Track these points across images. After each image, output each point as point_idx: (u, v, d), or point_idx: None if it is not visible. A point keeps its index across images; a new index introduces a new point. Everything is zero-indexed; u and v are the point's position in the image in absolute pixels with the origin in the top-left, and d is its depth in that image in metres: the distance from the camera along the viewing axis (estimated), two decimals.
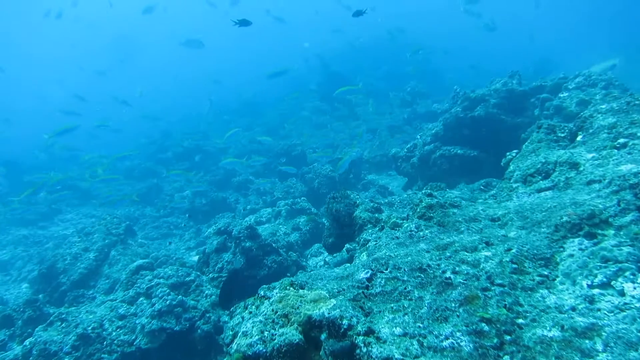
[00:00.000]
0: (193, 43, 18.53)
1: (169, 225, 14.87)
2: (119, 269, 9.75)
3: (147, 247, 11.00)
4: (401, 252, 3.32)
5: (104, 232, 10.56)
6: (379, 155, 15.40)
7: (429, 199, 4.02)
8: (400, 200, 5.81)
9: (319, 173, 13.31)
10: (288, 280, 3.26)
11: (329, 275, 3.42)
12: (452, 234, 3.52)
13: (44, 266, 9.79)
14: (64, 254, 10.04)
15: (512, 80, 9.00)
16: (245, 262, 7.44)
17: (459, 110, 8.97)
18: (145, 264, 7.58)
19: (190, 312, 6.48)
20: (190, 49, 18.03)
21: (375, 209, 5.43)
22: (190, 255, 12.21)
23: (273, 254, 7.67)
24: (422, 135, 10.24)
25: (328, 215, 5.75)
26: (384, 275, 3.08)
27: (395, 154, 11.01)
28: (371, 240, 4.08)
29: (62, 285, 9.46)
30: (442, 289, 2.86)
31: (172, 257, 9.96)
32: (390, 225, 4.10)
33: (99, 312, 6.70)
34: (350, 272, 3.31)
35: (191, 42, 18.50)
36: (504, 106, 8.62)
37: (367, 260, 3.49)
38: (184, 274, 7.10)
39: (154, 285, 6.88)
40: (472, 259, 3.00)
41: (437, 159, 9.09)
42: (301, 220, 10.19)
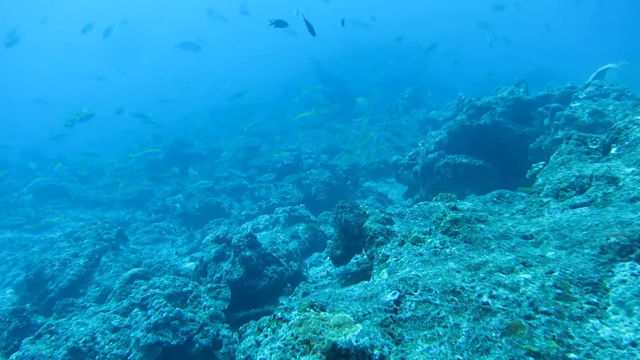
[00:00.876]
0: (189, 46, 18.22)
1: (160, 230, 14.48)
2: (110, 276, 9.39)
3: (140, 253, 10.64)
4: (429, 272, 3.09)
5: (95, 238, 10.18)
6: (377, 162, 15.21)
7: (454, 213, 3.80)
8: (412, 212, 5.58)
9: (317, 179, 13.06)
10: (307, 301, 3.00)
11: (351, 295, 3.17)
12: (482, 252, 3.30)
13: (31, 272, 9.38)
14: (52, 260, 9.65)
15: (518, 88, 8.87)
16: (244, 272, 7.16)
17: (465, 118, 8.80)
18: (140, 272, 7.26)
19: (188, 325, 6.17)
20: (186, 51, 17.68)
21: (386, 220, 5.19)
22: (184, 262, 11.87)
23: (273, 264, 7.40)
24: (424, 143, 10.06)
25: (336, 226, 5.51)
26: (413, 297, 2.85)
27: (396, 162, 10.82)
28: (391, 255, 3.84)
29: (49, 293, 9.07)
30: (479, 315, 2.63)
31: (166, 264, 9.63)
32: (411, 240, 3.86)
33: (90, 323, 6.36)
34: (374, 293, 3.07)
35: (187, 45, 18.19)
36: (510, 115, 8.48)
37: (390, 279, 3.25)
38: (181, 284, 6.78)
39: (149, 295, 6.56)
40: (509, 282, 2.78)
41: (441, 167, 8.91)
42: (300, 228, 9.93)
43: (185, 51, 18.46)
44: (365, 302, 2.98)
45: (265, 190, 15.86)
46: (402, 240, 4.04)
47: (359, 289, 3.37)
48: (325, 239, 9.80)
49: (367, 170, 15.30)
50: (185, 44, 18.41)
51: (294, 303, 3.14)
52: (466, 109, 9.00)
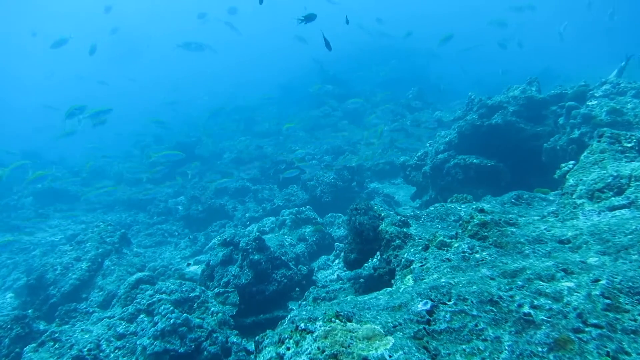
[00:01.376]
0: (192, 46, 18.03)
1: (163, 233, 14.29)
2: (113, 280, 9.20)
3: (143, 257, 10.44)
4: (461, 279, 2.90)
5: (98, 241, 9.98)
6: (382, 163, 15.03)
7: (482, 216, 3.61)
8: (427, 214, 5.39)
9: (322, 180, 12.87)
10: (332, 311, 2.81)
11: (377, 304, 2.98)
12: (517, 257, 3.11)
13: (32, 277, 9.19)
14: (53, 264, 9.45)
15: (530, 87, 8.69)
16: (253, 277, 6.96)
17: (475, 118, 8.62)
18: (145, 277, 7.06)
19: (196, 331, 5.97)
20: (189, 51, 17.49)
21: (402, 223, 5.00)
22: (188, 265, 11.68)
23: (282, 268, 7.21)
24: (433, 143, 9.88)
25: (350, 229, 5.32)
26: (447, 307, 2.65)
27: (404, 162, 10.63)
28: (415, 261, 3.64)
29: (51, 298, 8.87)
30: (521, 327, 2.44)
31: (171, 268, 9.44)
32: (436, 245, 3.67)
33: (95, 330, 6.17)
34: (403, 302, 2.87)
35: (190, 45, 18.00)
36: (522, 114, 8.30)
37: (418, 286, 3.06)
38: (188, 289, 6.58)
39: (155, 301, 6.37)
40: (551, 291, 2.59)
41: (451, 168, 8.72)
42: (307, 230, 9.73)
43: (187, 51, 18.34)
44: (394, 312, 2.79)
45: (269, 192, 15.69)
46: (427, 244, 3.84)
47: (384, 297, 3.18)
48: (332, 241, 9.61)
49: (372, 171, 15.12)
50: (188, 44, 18.26)
51: (317, 312, 2.95)
52: (477, 108, 8.82)
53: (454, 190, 8.81)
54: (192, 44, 17.76)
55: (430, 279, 3.10)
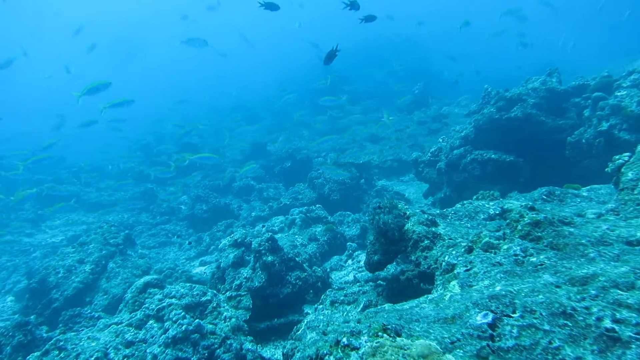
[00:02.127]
0: (195, 42, 17.60)
1: (166, 233, 13.96)
2: (118, 282, 8.88)
3: (149, 259, 10.11)
4: (523, 287, 2.57)
5: (101, 242, 9.64)
6: (390, 160, 14.70)
7: (534, 214, 3.30)
8: (455, 212, 5.07)
9: (330, 178, 12.53)
10: (379, 324, 2.48)
11: (424, 315, 2.66)
12: (581, 262, 2.80)
13: (34, 280, 8.85)
14: (56, 266, 9.11)
15: (551, 78, 8.35)
16: (266, 279, 6.64)
17: (493, 111, 8.29)
18: (154, 280, 6.73)
19: (209, 338, 5.65)
20: (192, 48, 17.06)
21: (430, 222, 4.68)
22: (193, 266, 11.37)
23: (297, 270, 6.89)
24: (447, 139, 9.54)
25: (373, 229, 4.99)
26: (513, 321, 2.33)
27: (416, 159, 10.29)
28: (458, 265, 3.32)
29: (54, 302, 8.55)
30: (605, 345, 2.12)
31: (178, 270, 9.10)
32: (482, 246, 3.35)
33: (102, 338, 5.83)
34: (457, 313, 2.55)
35: (193, 41, 17.56)
36: (543, 107, 7.97)
37: (469, 294, 2.73)
38: (199, 293, 6.26)
39: (165, 306, 6.04)
40: (634, 301, 2.27)
41: (467, 164, 8.40)
42: (317, 230, 9.41)
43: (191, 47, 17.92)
44: (447, 324, 2.47)
45: (274, 191, 15.36)
46: (470, 246, 3.52)
47: (429, 306, 2.86)
48: (344, 241, 9.29)
49: (379, 168, 14.78)
50: (192, 40, 17.84)
51: (360, 325, 2.62)
52: (494, 102, 8.48)
53: (470, 187, 8.51)
54: (195, 40, 17.33)
55: (480, 285, 2.78)
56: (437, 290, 3.26)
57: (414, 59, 31.09)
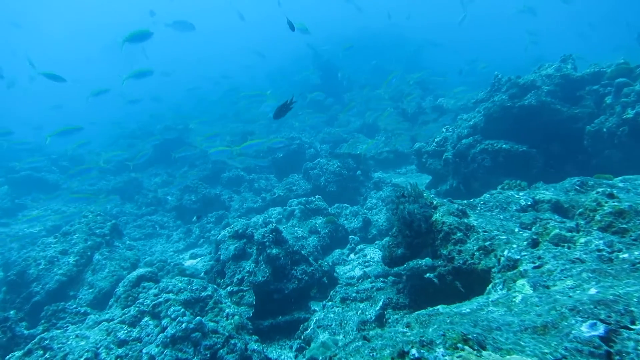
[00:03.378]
0: (181, 25, 16.85)
1: (153, 225, 13.34)
2: (105, 275, 8.30)
3: (137, 250, 9.52)
4: (631, 290, 2.17)
5: (86, 232, 9.01)
6: (386, 151, 14.32)
7: (615, 202, 2.93)
8: (484, 202, 4.70)
9: (326, 169, 12.10)
10: (457, 334, 2.05)
11: (504, 322, 2.24)
12: None
13: (13, 272, 8.21)
14: (36, 258, 8.47)
15: (566, 65, 8.06)
16: (270, 273, 6.17)
17: (505, 99, 7.95)
18: (148, 274, 6.19)
19: (211, 337, 5.17)
20: (178, 31, 16.35)
21: (461, 213, 4.30)
22: (183, 259, 10.82)
23: (302, 263, 6.44)
24: (454, 128, 9.18)
25: (397, 219, 4.58)
26: (635, 334, 1.93)
27: (419, 149, 9.91)
28: (523, 261, 2.93)
29: (34, 296, 7.93)
30: None
31: (170, 263, 8.56)
32: (552, 239, 2.97)
33: (92, 336, 5.30)
34: (548, 320, 2.14)
35: (179, 24, 16.82)
36: (558, 94, 7.67)
37: (551, 297, 2.33)
38: (198, 288, 5.76)
39: (162, 301, 5.53)
40: None
41: (477, 154, 8.05)
42: (318, 221, 8.97)
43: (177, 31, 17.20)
44: (540, 335, 2.06)
45: (265, 182, 14.86)
46: (535, 239, 3.13)
47: (499, 310, 2.45)
48: (346, 234, 8.87)
49: (375, 160, 14.39)
50: (178, 23, 17.09)
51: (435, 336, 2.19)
52: (506, 89, 8.15)
53: (480, 179, 8.18)
54: (181, 23, 16.58)
55: (562, 286, 2.39)
56: (495, 290, 2.85)
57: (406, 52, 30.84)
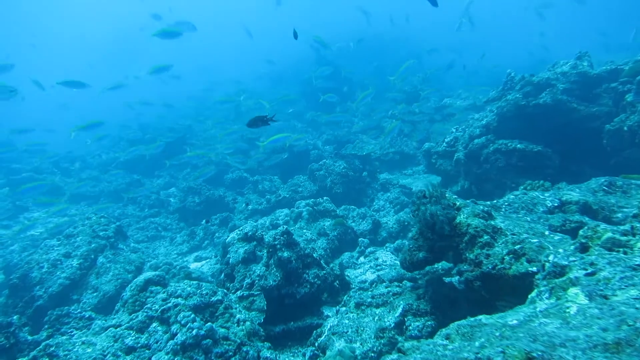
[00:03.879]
0: (184, 26, 16.71)
1: (156, 227, 13.15)
2: (109, 279, 8.11)
3: (142, 253, 9.33)
4: None
5: (90, 235, 8.83)
6: (391, 152, 14.14)
7: None
8: (509, 203, 4.53)
9: (332, 170, 11.92)
10: (519, 351, 1.87)
11: (567, 337, 2.06)
12: None
13: (15, 275, 8.01)
14: (39, 260, 8.28)
15: (582, 62, 7.88)
16: (282, 277, 5.99)
17: (519, 97, 7.78)
18: (156, 277, 6.00)
19: (222, 344, 4.99)
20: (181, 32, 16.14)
21: (487, 214, 4.12)
22: (187, 262, 10.64)
23: (314, 267, 6.25)
24: (465, 128, 9.01)
25: (419, 221, 4.40)
26: None
27: (429, 149, 9.75)
28: (573, 267, 2.73)
29: (37, 300, 7.73)
30: None
31: (175, 266, 8.37)
32: (604, 244, 2.79)
33: (99, 343, 5.11)
34: (621, 337, 1.95)
35: (181, 25, 16.68)
36: (574, 92, 7.50)
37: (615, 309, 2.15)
38: (208, 292, 5.57)
39: (171, 306, 5.35)
40: None
41: (490, 154, 7.88)
42: (326, 223, 8.79)
43: None
44: (613, 352, 1.88)
45: (269, 183, 14.66)
46: (584, 243, 2.95)
47: (554, 322, 2.27)
48: (355, 236, 8.69)
49: (380, 161, 14.20)
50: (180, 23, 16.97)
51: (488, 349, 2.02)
52: (519, 87, 7.98)
53: (493, 179, 8.02)
54: (182, 24, 16.47)
55: (625, 296, 2.21)
56: (541, 298, 2.66)
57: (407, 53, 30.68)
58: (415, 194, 4.55)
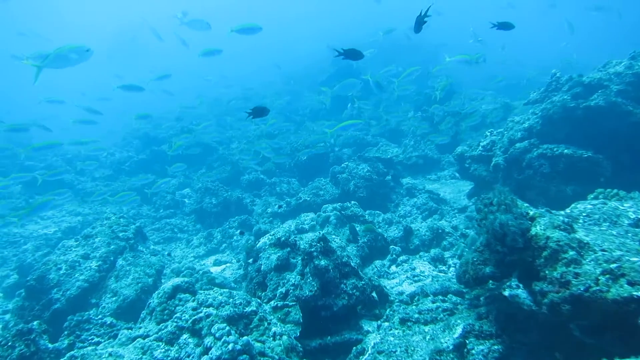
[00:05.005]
0: (198, 24, 16.34)
1: (172, 228, 12.83)
2: (129, 282, 7.75)
3: (162, 256, 8.97)
4: None
5: (109, 236, 8.49)
6: (414, 156, 13.72)
7: None
8: (587, 214, 4.10)
9: (355, 173, 11.53)
10: None
11: None
12: None
13: (32, 277, 7.68)
14: (57, 262, 7.94)
15: (637, 62, 7.45)
16: (318, 287, 5.59)
17: (567, 99, 7.35)
18: (184, 284, 5.62)
19: None
20: (194, 30, 15.82)
21: (568, 227, 3.71)
22: (205, 265, 10.29)
23: (352, 277, 5.85)
24: (503, 131, 8.57)
25: (486, 232, 3.99)
26: None
27: (462, 153, 9.32)
28: None
29: (54, 303, 7.38)
30: None
31: (198, 271, 8.01)
32: None
33: (126, 355, 4.74)
34: None
35: (195, 23, 16.31)
36: (630, 94, 7.06)
37: None
38: (242, 302, 5.18)
39: (202, 317, 4.96)
40: None
41: (533, 159, 7.44)
42: (355, 229, 8.38)
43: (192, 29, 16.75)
44: None
45: (287, 186, 14.31)
46: None
47: None
48: (385, 243, 8.27)
49: (402, 165, 13.80)
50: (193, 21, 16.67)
51: None
52: (567, 88, 7.56)
53: (535, 187, 7.58)
54: (197, 22, 16.12)
55: None
56: None
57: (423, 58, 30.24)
58: (481, 201, 4.14)
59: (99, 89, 22.72)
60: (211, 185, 13.33)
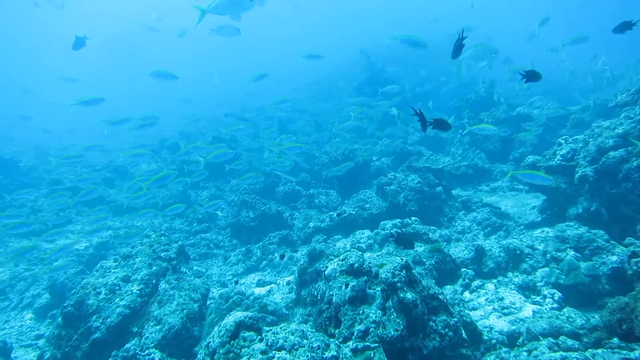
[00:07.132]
0: (227, 30, 15.68)
1: (208, 243, 12.14)
2: (173, 309, 7.03)
3: (206, 278, 8.25)
4: None
5: (150, 256, 7.81)
6: (464, 166, 12.80)
7: None
8: None
9: (405, 185, 10.67)
10: None
11: None
12: None
13: (70, 302, 7.00)
14: (96, 285, 7.27)
15: None
16: (405, 326, 4.75)
17: None
18: (248, 320, 4.84)
19: None
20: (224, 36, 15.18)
21: None
22: (245, 284, 9.55)
23: (442, 313, 4.99)
24: (590, 137, 7.62)
25: None
26: None
27: (534, 163, 8.41)
28: None
29: (94, 332, 6.69)
30: None
31: (248, 297, 7.23)
32: None
33: None
34: None
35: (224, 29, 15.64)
36: None
37: None
38: (320, 346, 4.37)
39: None
40: None
41: (632, 170, 6.51)
42: (419, 250, 7.54)
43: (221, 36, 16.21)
44: None
45: (325, 198, 13.54)
46: None
47: None
48: (454, 266, 7.38)
49: (451, 175, 12.88)
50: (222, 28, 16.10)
51: None
52: None
53: (634, 202, 6.63)
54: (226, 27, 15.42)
55: None
56: None
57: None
58: None
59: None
60: (248, 198, 12.63)
